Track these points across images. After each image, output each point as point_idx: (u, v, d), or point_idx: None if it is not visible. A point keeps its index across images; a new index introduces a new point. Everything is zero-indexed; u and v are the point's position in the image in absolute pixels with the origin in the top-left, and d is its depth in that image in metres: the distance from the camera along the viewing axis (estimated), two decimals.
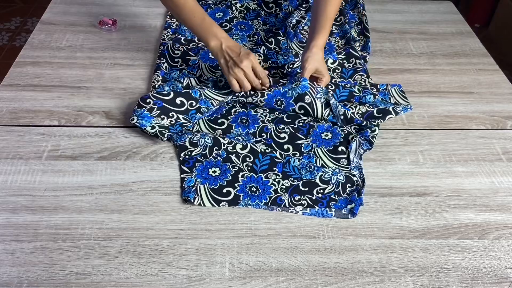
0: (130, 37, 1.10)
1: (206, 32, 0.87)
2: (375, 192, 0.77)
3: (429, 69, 1.06)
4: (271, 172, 0.78)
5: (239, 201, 0.74)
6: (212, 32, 0.86)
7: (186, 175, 0.77)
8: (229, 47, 0.86)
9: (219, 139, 0.82)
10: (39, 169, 0.77)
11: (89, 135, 0.84)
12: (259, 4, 1.17)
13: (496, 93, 1.00)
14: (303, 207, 0.74)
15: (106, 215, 0.71)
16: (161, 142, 0.83)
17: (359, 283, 0.64)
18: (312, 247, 0.68)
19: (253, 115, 0.88)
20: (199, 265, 0.65)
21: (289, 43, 1.06)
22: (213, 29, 0.87)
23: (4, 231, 0.68)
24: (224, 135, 0.84)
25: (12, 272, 0.63)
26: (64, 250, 0.66)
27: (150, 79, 0.97)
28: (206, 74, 0.96)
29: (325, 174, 0.78)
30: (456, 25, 1.22)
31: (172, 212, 0.72)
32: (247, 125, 0.86)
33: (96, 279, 0.63)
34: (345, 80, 0.97)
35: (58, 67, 0.99)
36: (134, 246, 0.67)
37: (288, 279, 0.64)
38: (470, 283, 0.65)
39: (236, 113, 0.89)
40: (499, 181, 0.80)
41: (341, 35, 1.09)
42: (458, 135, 0.89)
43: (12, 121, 0.86)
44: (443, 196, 0.77)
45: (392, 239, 0.70)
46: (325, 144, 0.83)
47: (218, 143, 0.81)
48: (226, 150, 0.81)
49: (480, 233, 0.72)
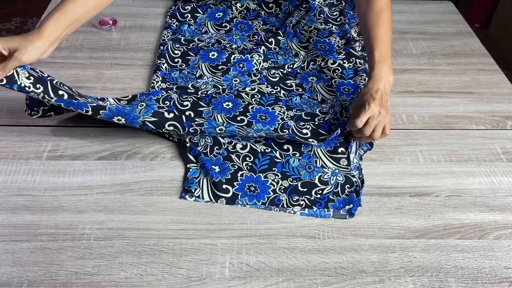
0: (130, 37, 1.10)
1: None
2: (375, 192, 0.77)
3: (429, 69, 1.06)
4: (270, 172, 0.78)
5: (237, 200, 0.74)
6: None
7: (191, 166, 0.78)
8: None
9: (219, 139, 0.82)
10: (39, 169, 0.77)
11: (89, 135, 0.84)
12: (259, 4, 1.17)
13: (496, 93, 1.00)
14: (301, 207, 0.74)
15: (106, 215, 0.71)
16: (161, 142, 0.83)
17: (359, 283, 0.64)
18: (312, 247, 0.68)
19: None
20: (199, 265, 0.65)
21: (289, 43, 1.06)
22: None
23: (4, 231, 0.68)
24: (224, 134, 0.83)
25: (12, 272, 0.63)
26: (64, 250, 0.66)
27: (150, 79, 0.97)
28: (206, 74, 0.96)
29: (325, 174, 0.78)
30: (456, 25, 1.22)
31: (172, 212, 0.72)
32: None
33: (96, 279, 0.63)
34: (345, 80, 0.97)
35: (58, 67, 0.99)
36: (134, 246, 0.67)
37: (288, 279, 0.64)
38: (470, 283, 0.65)
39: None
40: (499, 181, 0.80)
41: (341, 35, 1.09)
42: (458, 135, 0.89)
43: (12, 121, 0.86)
44: (443, 196, 0.77)
45: (392, 239, 0.70)
46: (325, 144, 0.83)
47: (218, 142, 0.81)
48: (226, 149, 0.81)
49: (480, 233, 0.72)
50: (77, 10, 0.78)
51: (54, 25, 0.75)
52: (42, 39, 0.73)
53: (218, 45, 1.05)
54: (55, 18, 0.75)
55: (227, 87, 0.93)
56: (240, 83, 0.94)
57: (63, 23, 0.76)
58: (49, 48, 0.75)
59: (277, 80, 0.96)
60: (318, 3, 1.15)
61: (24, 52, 0.71)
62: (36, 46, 0.72)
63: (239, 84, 0.94)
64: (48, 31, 0.74)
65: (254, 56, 1.00)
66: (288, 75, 0.98)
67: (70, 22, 0.77)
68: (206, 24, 1.12)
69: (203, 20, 1.12)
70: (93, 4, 0.81)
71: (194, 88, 0.92)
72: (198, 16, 1.13)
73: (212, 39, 1.07)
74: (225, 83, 0.94)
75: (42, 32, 0.73)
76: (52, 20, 0.75)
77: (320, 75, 0.98)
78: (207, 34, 1.08)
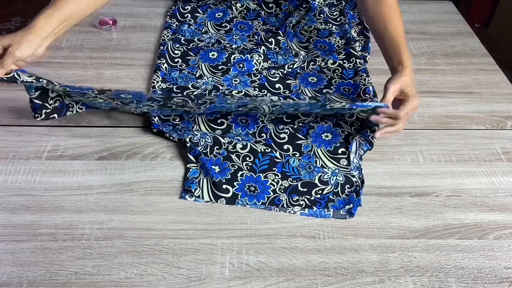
0: (130, 37, 1.10)
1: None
2: (375, 192, 0.77)
3: (429, 69, 1.06)
4: (270, 172, 0.78)
5: (237, 200, 0.74)
6: None
7: (191, 166, 0.78)
8: None
9: (219, 139, 0.82)
10: (39, 169, 0.77)
11: (89, 135, 0.84)
12: (259, 4, 1.17)
13: (496, 93, 1.00)
14: (301, 207, 0.74)
15: (106, 215, 0.71)
16: (161, 142, 0.83)
17: (359, 283, 0.64)
18: (312, 247, 0.68)
19: (253, 115, 0.88)
20: (199, 265, 0.65)
21: (289, 43, 1.06)
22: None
23: (4, 231, 0.68)
24: (224, 135, 0.84)
25: (12, 272, 0.63)
26: (64, 250, 0.66)
27: (150, 79, 0.97)
28: (206, 74, 0.96)
29: (325, 174, 0.78)
30: (456, 25, 1.22)
31: (172, 212, 0.72)
32: (247, 125, 0.86)
33: (96, 279, 0.63)
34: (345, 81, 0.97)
35: (58, 67, 0.99)
36: (134, 246, 0.67)
37: (288, 279, 0.64)
38: (470, 283, 0.65)
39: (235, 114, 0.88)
40: (499, 181, 0.80)
41: (341, 35, 1.09)
42: (458, 135, 0.89)
43: (12, 121, 0.86)
44: (443, 196, 0.77)
45: (392, 239, 0.70)
46: (325, 144, 0.83)
47: (219, 142, 0.81)
48: (226, 149, 0.81)
49: (480, 233, 0.72)
50: (71, 6, 0.78)
51: (45, 20, 0.75)
52: (33, 33, 0.74)
53: (218, 45, 1.05)
54: (46, 14, 0.76)
55: (227, 87, 0.93)
56: (240, 83, 0.94)
57: (55, 18, 0.76)
58: (42, 43, 0.75)
59: (277, 80, 0.96)
60: (318, 3, 1.15)
61: (16, 46, 0.72)
62: (27, 40, 0.73)
63: (239, 84, 0.94)
64: (39, 26, 0.75)
65: (254, 56, 1.00)
66: (288, 75, 0.98)
67: (64, 18, 0.77)
68: (206, 24, 1.12)
69: (203, 20, 1.12)
70: (87, 0, 0.81)
71: (194, 88, 0.92)
72: (198, 16, 1.13)
73: (212, 39, 1.07)
74: (225, 83, 0.94)
75: (33, 27, 0.74)
76: (44, 15, 0.76)
77: (320, 75, 0.98)
78: (207, 34, 1.08)
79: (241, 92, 0.92)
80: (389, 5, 0.88)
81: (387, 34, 0.86)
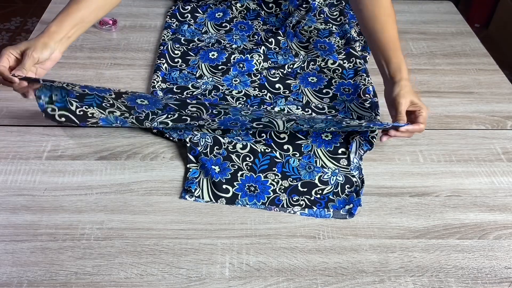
0: (130, 37, 1.10)
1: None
2: (375, 192, 0.77)
3: (429, 69, 1.06)
4: (270, 172, 0.78)
5: (237, 200, 0.74)
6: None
7: (191, 166, 0.78)
8: None
9: (219, 139, 0.82)
10: (39, 169, 0.77)
11: (89, 135, 0.84)
12: (259, 4, 1.17)
13: (496, 93, 1.00)
14: (301, 207, 0.74)
15: (106, 215, 0.71)
16: (161, 142, 0.83)
17: (359, 283, 0.64)
18: (312, 247, 0.68)
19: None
20: (199, 265, 0.65)
21: (289, 43, 1.06)
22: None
23: (4, 231, 0.68)
24: (224, 135, 0.84)
25: (12, 272, 0.63)
26: (64, 250, 0.66)
27: (150, 79, 0.97)
28: (206, 74, 0.96)
29: (325, 174, 0.78)
30: (456, 25, 1.22)
31: (172, 212, 0.72)
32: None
33: (96, 279, 0.63)
34: (345, 81, 0.97)
35: (58, 67, 0.99)
36: (134, 246, 0.67)
37: (288, 279, 0.64)
38: (470, 283, 0.65)
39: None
40: (499, 181, 0.80)
41: (341, 35, 1.09)
42: (458, 135, 0.89)
43: (12, 121, 0.86)
44: (443, 196, 0.77)
45: (392, 239, 0.70)
46: (325, 144, 0.83)
47: (219, 142, 0.81)
48: (226, 149, 0.81)
49: (480, 233, 0.72)
50: (81, 11, 0.82)
51: (57, 25, 0.80)
52: (47, 36, 0.78)
53: (218, 45, 1.05)
54: (58, 20, 0.80)
55: (227, 87, 0.93)
56: (240, 83, 0.94)
57: (67, 23, 0.80)
58: (57, 46, 0.79)
59: (277, 80, 0.96)
60: (318, 3, 1.15)
61: (33, 49, 0.75)
62: (42, 43, 0.77)
63: (239, 84, 0.94)
64: (52, 30, 0.79)
65: (254, 56, 1.00)
66: (288, 75, 0.98)
67: (75, 23, 0.81)
68: (206, 24, 1.12)
69: (203, 20, 1.12)
70: (97, 5, 0.85)
71: (194, 88, 0.92)
72: (198, 16, 1.13)
73: (212, 39, 1.07)
74: (225, 83, 0.94)
75: (46, 32, 0.79)
76: (55, 21, 0.80)
77: (320, 75, 0.98)
78: (207, 34, 1.08)
79: (241, 92, 0.92)
80: (384, 7, 0.89)
81: (382, 38, 0.86)
